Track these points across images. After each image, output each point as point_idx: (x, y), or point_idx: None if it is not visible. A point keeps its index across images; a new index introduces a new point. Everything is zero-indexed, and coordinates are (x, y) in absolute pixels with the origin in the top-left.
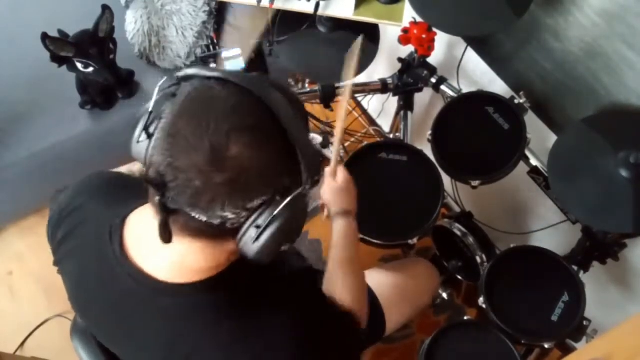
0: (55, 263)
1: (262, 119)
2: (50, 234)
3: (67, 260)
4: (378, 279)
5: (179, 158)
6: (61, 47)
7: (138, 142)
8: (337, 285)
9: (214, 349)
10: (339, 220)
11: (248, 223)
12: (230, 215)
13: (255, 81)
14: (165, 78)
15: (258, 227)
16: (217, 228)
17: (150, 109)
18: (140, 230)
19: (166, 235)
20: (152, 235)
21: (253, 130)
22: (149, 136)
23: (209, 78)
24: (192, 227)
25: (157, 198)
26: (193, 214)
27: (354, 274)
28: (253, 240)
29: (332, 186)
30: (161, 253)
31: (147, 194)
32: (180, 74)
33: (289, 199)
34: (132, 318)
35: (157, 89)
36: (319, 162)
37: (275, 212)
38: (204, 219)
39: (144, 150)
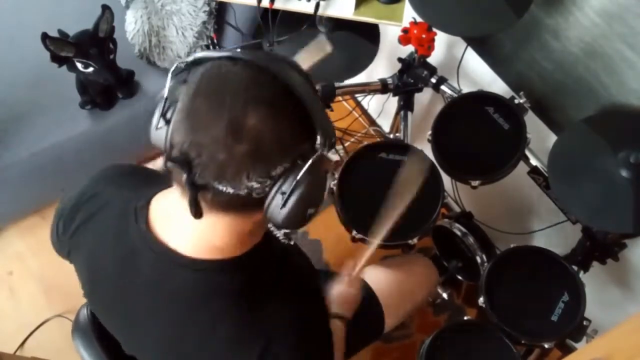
0: (67, 254)
1: (276, 90)
2: (62, 226)
3: (83, 246)
4: (376, 276)
5: (199, 134)
6: (61, 47)
7: (157, 128)
8: None
9: (221, 334)
10: (331, 322)
11: (273, 190)
12: (255, 185)
13: (265, 56)
14: (176, 64)
15: (283, 193)
16: (245, 198)
17: (165, 96)
18: (167, 208)
19: (197, 211)
20: (178, 212)
21: (268, 100)
22: (167, 122)
23: (219, 58)
24: (220, 200)
25: (184, 176)
26: (220, 187)
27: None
28: (280, 206)
29: (344, 292)
30: (187, 228)
31: (168, 179)
32: (190, 58)
33: (309, 162)
34: (146, 295)
35: (169, 76)
36: (332, 126)
37: (298, 177)
38: (231, 190)
39: (163, 136)
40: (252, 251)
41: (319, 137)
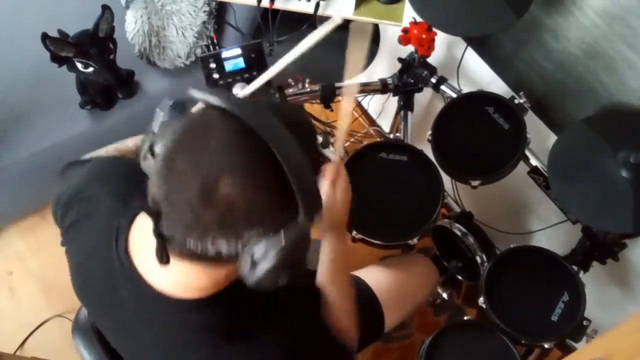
0: (63, 244)
1: (256, 158)
2: (59, 216)
3: (72, 247)
4: (376, 276)
5: (173, 192)
6: (61, 47)
7: (145, 159)
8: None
9: None
10: (329, 235)
11: (244, 253)
12: (224, 247)
13: (260, 116)
14: (168, 99)
15: (253, 262)
16: (213, 257)
17: (154, 130)
18: (146, 235)
19: (164, 258)
20: (152, 243)
21: (244, 170)
22: (153, 155)
23: (211, 107)
24: (188, 253)
25: (152, 226)
26: (187, 244)
27: (343, 291)
28: (249, 269)
29: (329, 198)
30: (162, 268)
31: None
32: (186, 95)
33: (281, 236)
34: (127, 316)
35: (159, 109)
36: (319, 201)
37: (269, 248)
38: (198, 249)
39: (150, 167)
40: (231, 286)
41: (300, 210)
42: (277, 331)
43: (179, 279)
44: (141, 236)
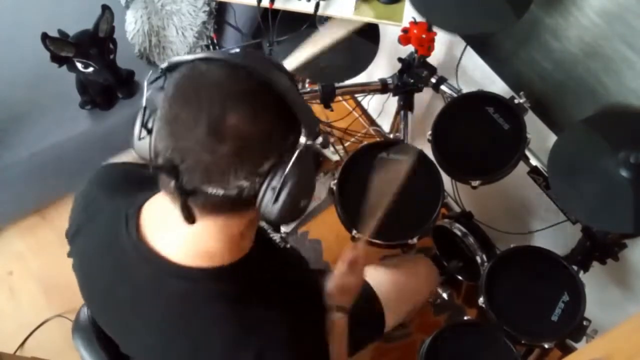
0: (69, 254)
1: (253, 85)
2: (68, 225)
3: (79, 255)
4: (377, 276)
5: (182, 139)
6: (61, 47)
7: (140, 139)
8: None
9: (215, 341)
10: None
11: (264, 187)
12: (244, 183)
13: (240, 54)
14: (150, 72)
15: (274, 188)
16: (236, 198)
17: (144, 105)
18: (157, 215)
19: (189, 217)
20: (168, 218)
21: (245, 98)
22: (149, 131)
23: (192, 60)
24: (211, 203)
25: (172, 183)
26: (209, 190)
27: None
28: (272, 201)
29: (342, 281)
30: (178, 234)
31: (157, 184)
32: (164, 65)
33: (295, 154)
34: (140, 303)
35: (145, 85)
36: (315, 116)
37: (287, 171)
38: (220, 192)
39: (146, 146)
40: (244, 258)
41: (303, 130)
42: (281, 311)
43: (196, 244)
44: (152, 218)
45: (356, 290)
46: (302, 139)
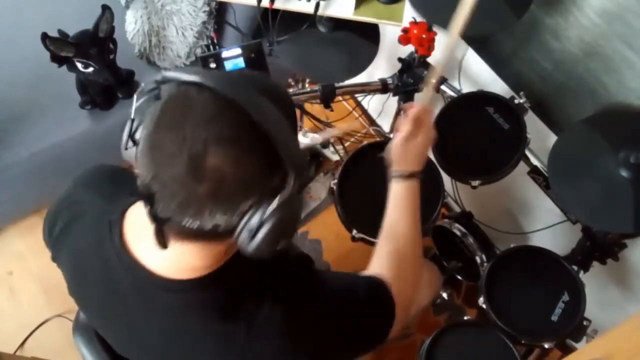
0: (53, 259)
1: (241, 127)
2: (47, 229)
3: (64, 254)
4: None
5: (160, 170)
6: (61, 47)
7: (126, 149)
8: (378, 249)
9: (205, 350)
10: (400, 183)
11: (240, 225)
12: (220, 221)
13: (235, 85)
14: (142, 84)
15: (250, 230)
16: (211, 232)
17: (132, 116)
18: (139, 224)
19: (162, 242)
20: (150, 230)
21: (231, 140)
22: (135, 143)
23: (186, 83)
24: (186, 232)
25: (147, 209)
26: (184, 222)
27: (400, 240)
28: (248, 240)
29: (412, 142)
30: (159, 250)
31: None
32: (158, 77)
33: (275, 201)
34: (129, 312)
35: (136, 95)
36: (306, 161)
37: (265, 215)
38: (196, 224)
39: (132, 155)
40: (228, 262)
41: (289, 175)
42: (277, 303)
43: (179, 261)
44: (135, 225)
45: (428, 147)
46: (290, 184)
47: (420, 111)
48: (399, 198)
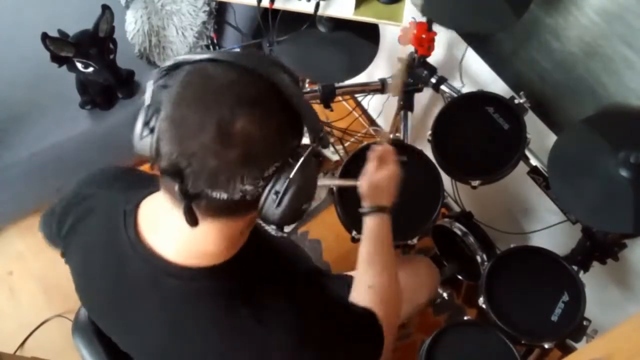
0: (62, 254)
1: (261, 89)
2: (56, 225)
3: (74, 249)
4: None
5: (188, 143)
6: (61, 47)
7: (142, 138)
8: (359, 283)
9: (214, 339)
10: (372, 218)
11: (267, 190)
12: (249, 187)
13: (247, 56)
14: (155, 70)
15: (277, 192)
16: (239, 202)
17: (147, 103)
18: (155, 213)
19: (193, 220)
20: (166, 218)
21: (255, 102)
22: (152, 130)
23: (200, 61)
24: (214, 206)
25: (176, 186)
26: (214, 194)
27: (380, 273)
28: (275, 205)
29: (376, 178)
30: (176, 234)
31: (156, 183)
32: (169, 63)
33: (301, 160)
34: (138, 301)
35: (149, 83)
36: (319, 120)
37: (291, 176)
38: (225, 196)
39: (148, 145)
40: (240, 253)
41: (309, 134)
42: (280, 305)
43: (194, 244)
44: (151, 214)
45: (394, 182)
46: (307, 143)
47: (382, 150)
48: (375, 232)
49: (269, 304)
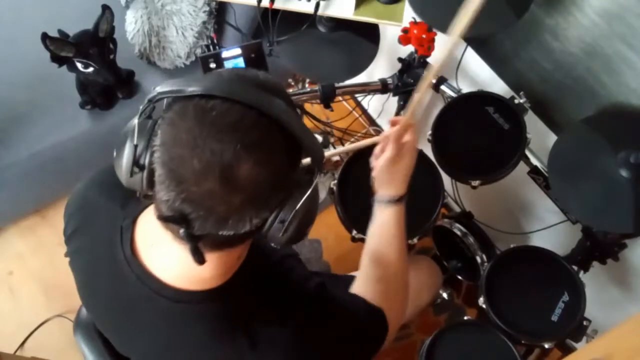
0: (66, 254)
1: (263, 129)
2: (65, 223)
3: (76, 255)
4: None
5: (191, 189)
6: (61, 47)
7: (132, 175)
8: (369, 274)
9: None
10: (388, 208)
11: (271, 219)
12: (255, 221)
13: (241, 86)
14: (141, 107)
15: (283, 221)
16: (244, 234)
17: (135, 142)
18: (152, 233)
19: (200, 259)
20: (163, 240)
21: (258, 144)
22: (141, 168)
23: (190, 97)
24: (219, 242)
25: (181, 231)
26: (221, 233)
27: (394, 263)
28: (281, 233)
29: (394, 166)
30: (173, 259)
31: (151, 200)
32: (154, 94)
33: (308, 192)
34: (134, 316)
35: (135, 121)
36: (322, 149)
37: (297, 207)
38: (231, 233)
39: (139, 181)
40: (235, 276)
41: (313, 165)
42: (280, 323)
43: (191, 270)
44: (147, 234)
45: (412, 167)
46: (307, 167)
47: (401, 129)
48: (389, 225)
49: (264, 329)
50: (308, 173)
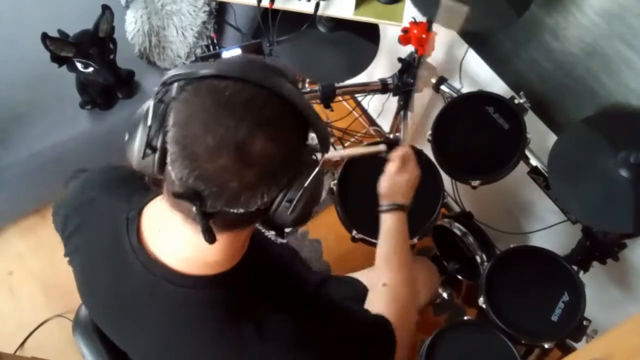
0: (66, 254)
1: (275, 106)
2: (60, 225)
3: (77, 254)
4: None
5: (205, 165)
6: (61, 47)
7: (144, 157)
8: (375, 281)
9: (210, 349)
10: (391, 216)
11: (279, 198)
12: (266, 199)
13: (252, 68)
14: (156, 88)
15: (290, 200)
16: (253, 214)
17: (148, 123)
18: (158, 220)
19: (212, 238)
20: (170, 225)
21: (271, 121)
22: (154, 149)
23: (204, 77)
24: (230, 221)
25: (194, 208)
26: (232, 210)
27: (397, 270)
28: (289, 212)
29: (397, 179)
30: (180, 243)
31: (159, 188)
32: (167, 76)
33: (315, 172)
34: (137, 308)
35: (149, 101)
36: (327, 130)
37: (306, 185)
38: (242, 210)
39: (151, 164)
40: (240, 264)
41: (320, 145)
42: (280, 313)
43: (198, 254)
44: (154, 220)
45: (413, 185)
46: (314, 147)
47: (406, 152)
48: (392, 231)
49: (269, 317)
50: (314, 154)
